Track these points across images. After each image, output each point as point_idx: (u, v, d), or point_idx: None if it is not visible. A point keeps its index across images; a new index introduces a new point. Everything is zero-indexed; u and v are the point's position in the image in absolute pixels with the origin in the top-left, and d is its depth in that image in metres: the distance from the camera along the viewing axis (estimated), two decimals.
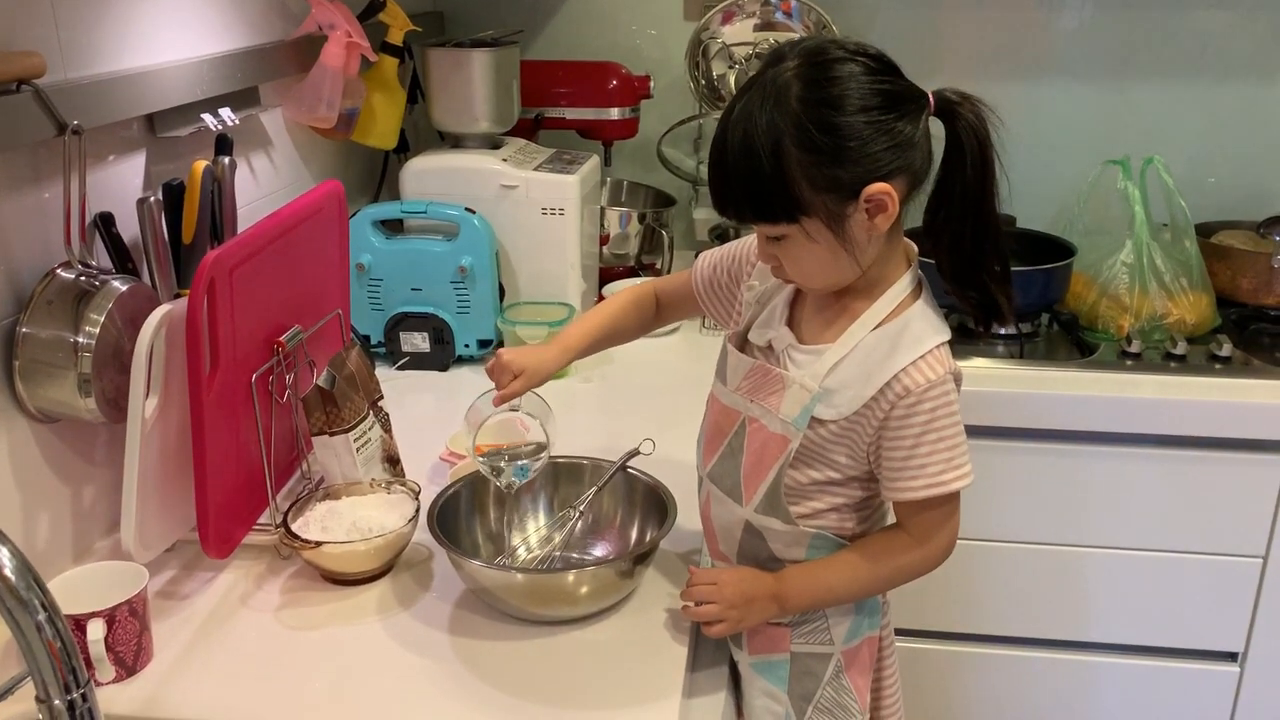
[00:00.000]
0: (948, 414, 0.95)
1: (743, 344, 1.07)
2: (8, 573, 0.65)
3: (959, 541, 0.98)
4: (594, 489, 1.19)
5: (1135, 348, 1.70)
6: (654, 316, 1.22)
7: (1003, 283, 0.98)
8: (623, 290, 1.23)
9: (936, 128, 0.94)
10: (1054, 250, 1.83)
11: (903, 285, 0.98)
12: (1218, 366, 1.67)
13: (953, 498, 0.98)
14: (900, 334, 0.96)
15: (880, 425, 0.95)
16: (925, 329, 0.97)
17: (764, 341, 1.04)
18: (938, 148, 0.95)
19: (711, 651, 1.10)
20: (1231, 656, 1.72)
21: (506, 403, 1.12)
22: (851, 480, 1.00)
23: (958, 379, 0.97)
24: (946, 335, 0.97)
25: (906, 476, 0.95)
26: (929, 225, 0.97)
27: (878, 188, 0.90)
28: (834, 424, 0.97)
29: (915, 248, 1.01)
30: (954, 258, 0.98)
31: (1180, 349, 1.69)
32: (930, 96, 0.93)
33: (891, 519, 1.05)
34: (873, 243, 0.95)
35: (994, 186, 0.94)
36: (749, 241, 1.09)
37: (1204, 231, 1.89)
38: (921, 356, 0.94)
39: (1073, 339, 1.79)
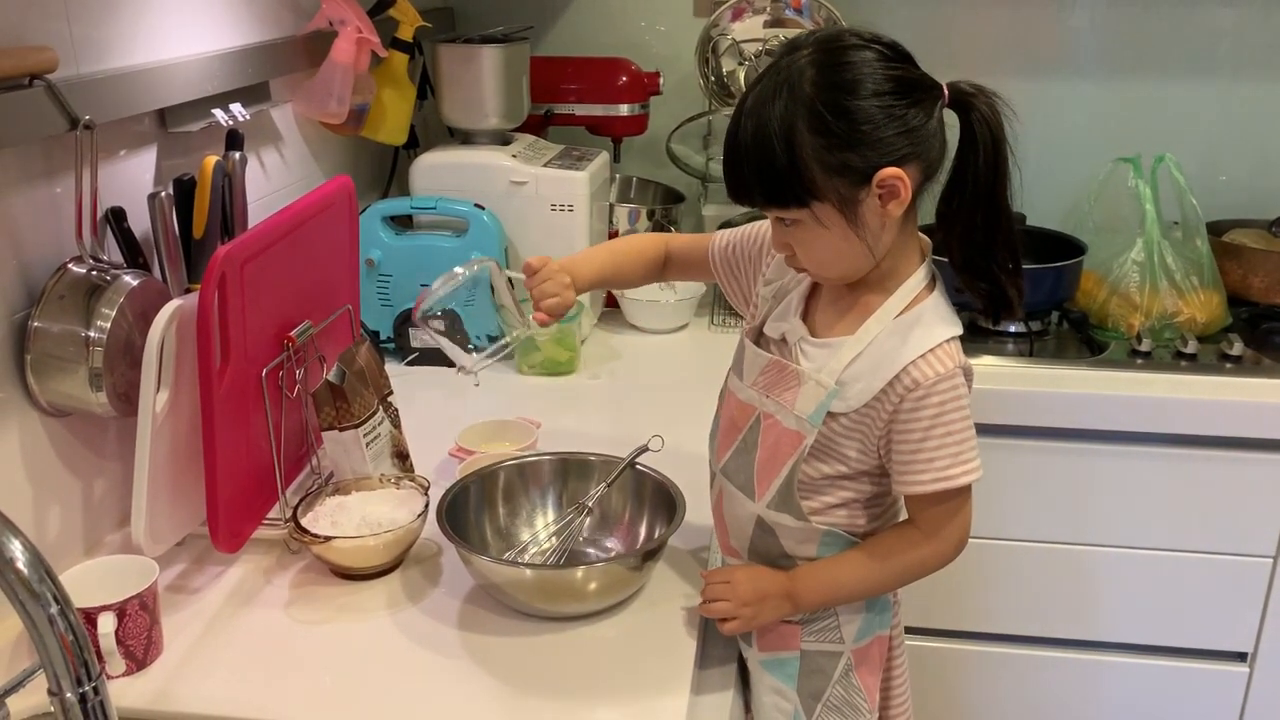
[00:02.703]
0: (956, 408, 0.95)
1: (758, 338, 1.07)
2: (20, 566, 0.66)
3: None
4: (603, 485, 1.19)
5: (1146, 346, 1.70)
6: (660, 271, 1.22)
7: (1013, 275, 0.98)
8: (634, 237, 1.23)
9: (952, 119, 0.94)
10: (1064, 248, 1.82)
11: (917, 279, 0.98)
12: (1228, 365, 1.67)
13: (962, 492, 0.97)
14: (911, 327, 0.96)
15: (890, 418, 0.95)
16: (936, 323, 0.97)
17: (778, 335, 1.04)
18: (953, 139, 0.95)
19: (720, 648, 1.10)
20: (1241, 656, 1.72)
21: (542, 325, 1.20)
22: (861, 475, 1.00)
23: (968, 374, 0.97)
24: (958, 330, 0.97)
25: (915, 470, 0.95)
26: (942, 215, 0.97)
27: (890, 172, 0.90)
28: (845, 417, 0.97)
29: (929, 242, 1.01)
30: (965, 249, 0.98)
31: (1191, 348, 1.68)
32: (945, 87, 0.93)
33: (904, 517, 1.05)
34: (886, 230, 0.94)
35: (1007, 179, 0.95)
36: (768, 226, 1.08)
37: (1215, 230, 1.88)
38: (931, 350, 0.94)
39: (1083, 337, 1.79)
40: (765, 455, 1.01)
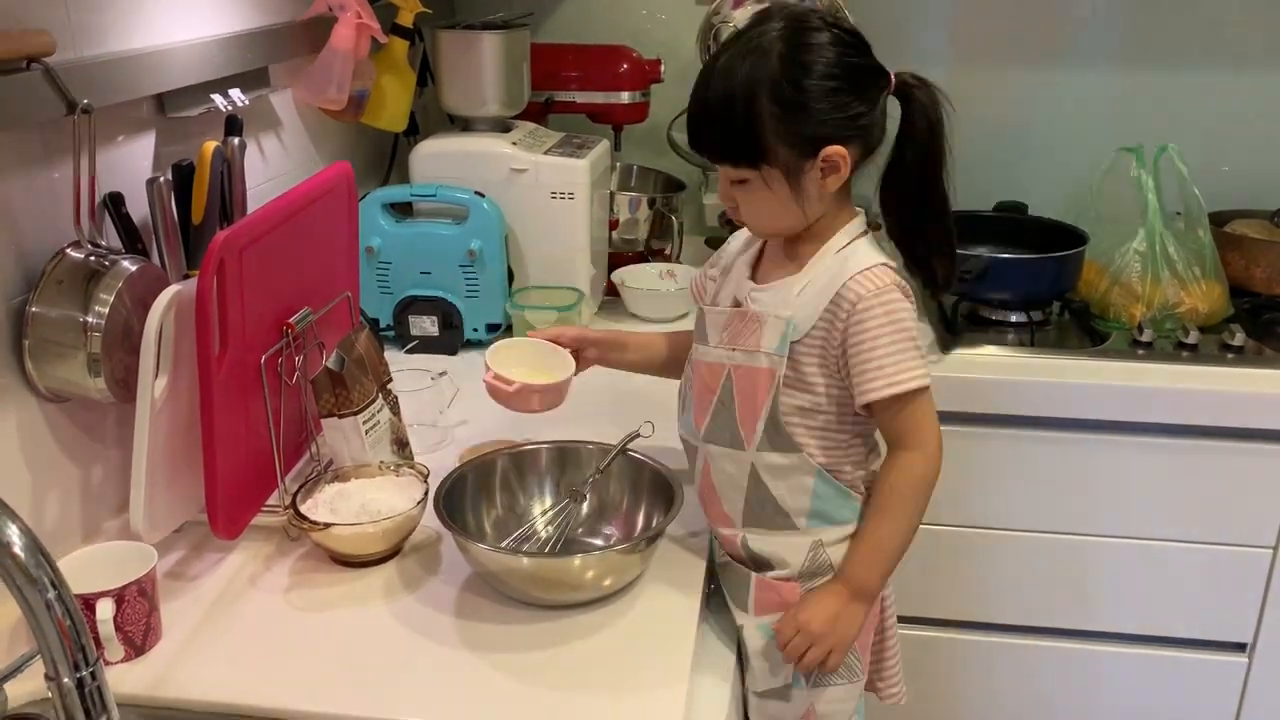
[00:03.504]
0: (898, 319, 1.00)
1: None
2: (17, 550, 0.65)
3: (965, 529, 0.99)
4: (596, 472, 1.18)
5: (1147, 337, 1.69)
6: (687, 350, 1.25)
7: (943, 256, 1.07)
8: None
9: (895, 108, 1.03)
10: (1066, 238, 1.81)
11: (854, 226, 1.06)
12: (1230, 356, 1.66)
13: (919, 395, 1.02)
14: (848, 257, 1.04)
15: (843, 335, 1.01)
16: (870, 252, 1.05)
17: (729, 300, 1.11)
18: (893, 126, 1.03)
19: (720, 632, 1.11)
20: (1240, 647, 1.72)
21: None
22: (831, 400, 1.04)
23: (904, 292, 1.03)
24: (892, 263, 1.05)
25: (868, 377, 1.01)
26: (881, 194, 1.06)
27: (834, 150, 0.99)
28: (800, 343, 1.03)
29: (860, 210, 1.09)
30: (900, 227, 1.07)
31: (1192, 338, 1.68)
32: (892, 76, 1.01)
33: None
34: (821, 200, 1.03)
35: (941, 166, 1.04)
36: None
37: (1218, 220, 1.87)
38: (868, 268, 1.02)
39: (1084, 327, 1.78)
40: (744, 402, 1.06)
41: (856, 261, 1.03)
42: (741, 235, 1.16)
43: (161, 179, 1.16)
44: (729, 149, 1.01)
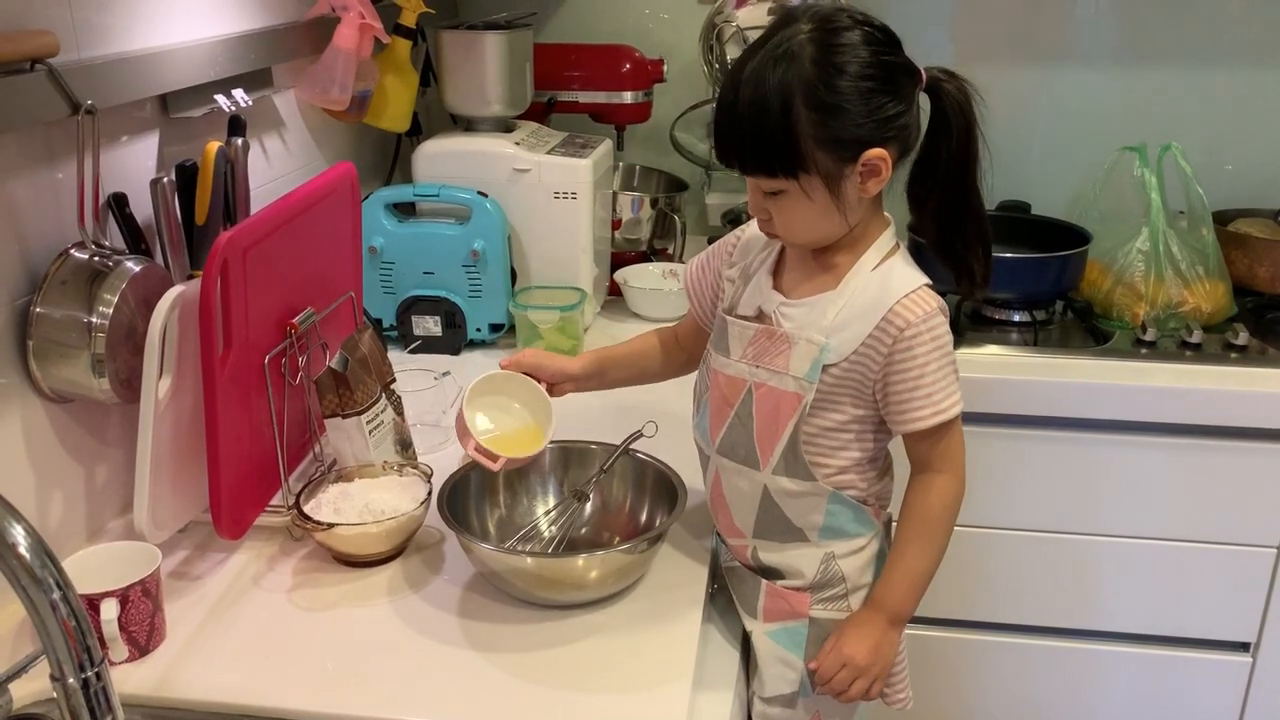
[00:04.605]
0: (945, 344, 0.99)
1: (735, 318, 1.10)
2: (22, 551, 0.66)
3: (971, 529, 0.99)
4: (599, 471, 1.18)
5: (1150, 336, 1.69)
6: (680, 354, 1.24)
7: (978, 256, 1.04)
8: (650, 331, 1.28)
9: (924, 104, 0.99)
10: (1069, 237, 1.81)
11: (887, 238, 1.03)
12: (1233, 355, 1.66)
13: (957, 421, 1.02)
14: (888, 276, 1.01)
15: (886, 359, 0.98)
16: (910, 272, 1.01)
17: (753, 310, 1.07)
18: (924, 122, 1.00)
19: (724, 632, 1.11)
20: (1244, 646, 1.72)
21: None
22: (855, 420, 1.02)
23: (945, 311, 1.01)
24: (927, 280, 1.02)
25: (915, 406, 0.99)
26: (915, 195, 1.03)
27: (876, 153, 0.95)
28: (836, 367, 1.00)
29: (890, 217, 1.06)
30: (936, 226, 1.03)
31: (1196, 337, 1.68)
32: (923, 72, 0.98)
33: (891, 481, 1.09)
34: (861, 205, 0.99)
35: (976, 162, 1.00)
36: (726, 238, 1.15)
37: (1221, 219, 1.87)
38: (915, 290, 0.99)
39: (1087, 327, 1.78)
40: (763, 423, 1.03)
41: (898, 283, 0.99)
42: (760, 234, 1.09)
43: (165, 179, 1.16)
44: (765, 160, 0.96)
